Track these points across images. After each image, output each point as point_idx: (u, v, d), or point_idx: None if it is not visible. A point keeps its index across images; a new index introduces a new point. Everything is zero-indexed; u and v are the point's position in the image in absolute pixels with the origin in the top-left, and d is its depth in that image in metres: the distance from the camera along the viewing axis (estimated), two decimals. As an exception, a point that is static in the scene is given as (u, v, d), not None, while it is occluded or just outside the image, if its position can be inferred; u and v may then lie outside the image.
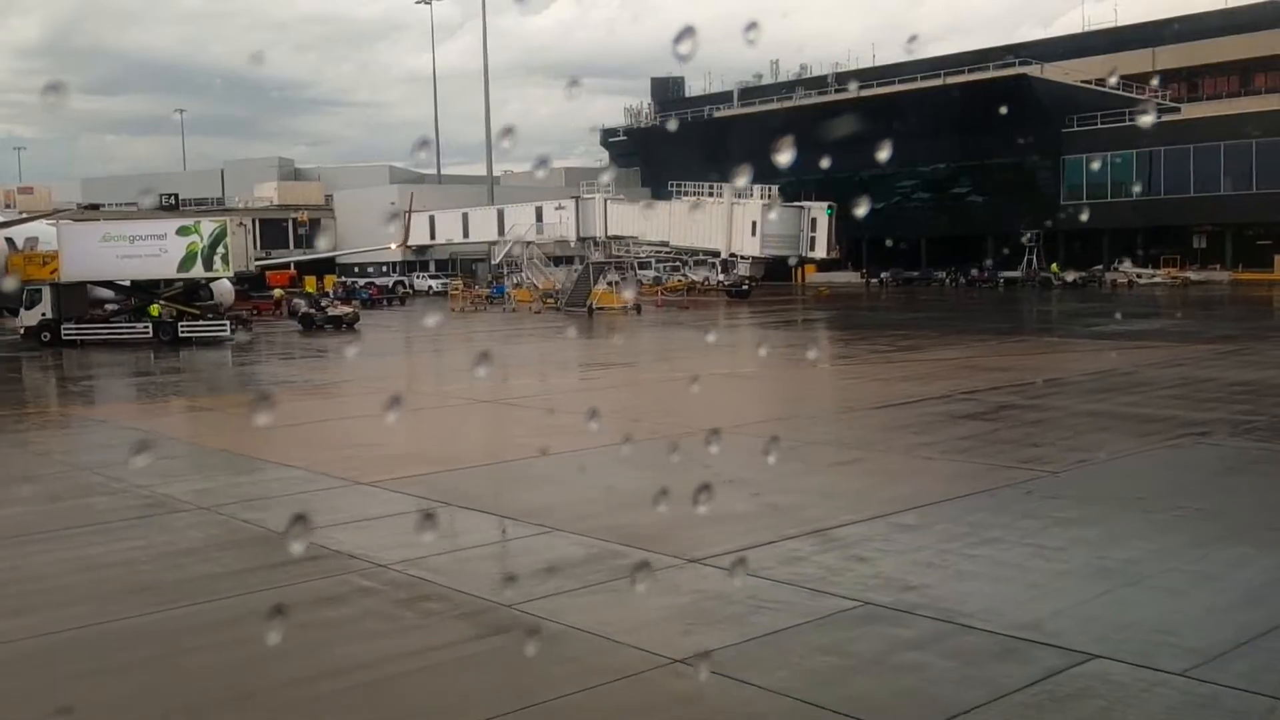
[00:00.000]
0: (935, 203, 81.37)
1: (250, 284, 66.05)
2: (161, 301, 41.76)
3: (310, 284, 79.81)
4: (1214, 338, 33.19)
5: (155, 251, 40.65)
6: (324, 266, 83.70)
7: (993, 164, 78.20)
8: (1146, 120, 62.66)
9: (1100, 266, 72.44)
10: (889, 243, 70.54)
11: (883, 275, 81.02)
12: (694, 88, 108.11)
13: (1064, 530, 11.63)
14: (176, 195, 73.46)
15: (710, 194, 68.08)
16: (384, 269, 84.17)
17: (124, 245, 40.83)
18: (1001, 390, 22.68)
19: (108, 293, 44.57)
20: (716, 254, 66.91)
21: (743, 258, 64.49)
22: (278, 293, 57.91)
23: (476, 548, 11.64)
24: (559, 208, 70.54)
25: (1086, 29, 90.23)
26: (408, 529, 12.49)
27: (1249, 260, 70.19)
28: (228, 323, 41.40)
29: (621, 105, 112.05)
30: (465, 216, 79.10)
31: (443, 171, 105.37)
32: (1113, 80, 76.81)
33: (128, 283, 42.75)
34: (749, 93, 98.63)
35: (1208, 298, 57.21)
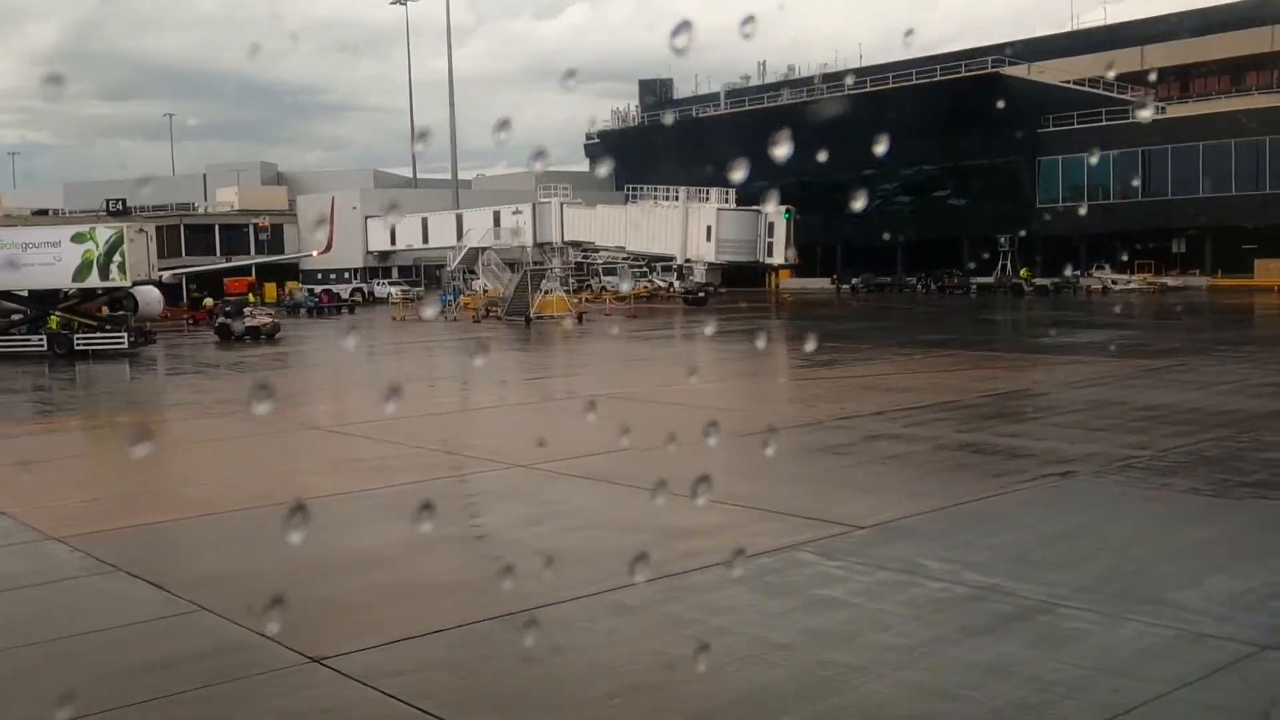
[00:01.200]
0: (911, 205, 78.85)
1: (211, 291, 64.14)
2: (56, 312, 39.63)
3: (271, 290, 77.86)
4: (1156, 351, 30.83)
5: (49, 260, 38.49)
6: (288, 272, 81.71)
7: (968, 166, 75.79)
8: (1145, 115, 60.07)
9: (1078, 272, 69.93)
10: (886, 236, 68.34)
11: (854, 281, 78.58)
12: (684, 90, 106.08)
13: (809, 616, 9.40)
14: (124, 200, 71.17)
15: (668, 197, 65.81)
16: (346, 275, 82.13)
17: (16, 253, 38.67)
18: (884, 415, 20.41)
19: (14, 304, 42.57)
20: (673, 259, 64.65)
21: (699, 263, 62.20)
22: (208, 302, 55.86)
23: (84, 635, 9.42)
24: (516, 212, 68.33)
25: (1075, 28, 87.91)
26: (34, 609, 10.39)
27: (1229, 265, 67.53)
28: (125, 335, 39.15)
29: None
30: (425, 221, 77.00)
31: (440, 175, 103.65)
32: (1111, 75, 74.27)
33: (25, 292, 40.61)
34: (736, 94, 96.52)
35: (1177, 305, 54.63)
